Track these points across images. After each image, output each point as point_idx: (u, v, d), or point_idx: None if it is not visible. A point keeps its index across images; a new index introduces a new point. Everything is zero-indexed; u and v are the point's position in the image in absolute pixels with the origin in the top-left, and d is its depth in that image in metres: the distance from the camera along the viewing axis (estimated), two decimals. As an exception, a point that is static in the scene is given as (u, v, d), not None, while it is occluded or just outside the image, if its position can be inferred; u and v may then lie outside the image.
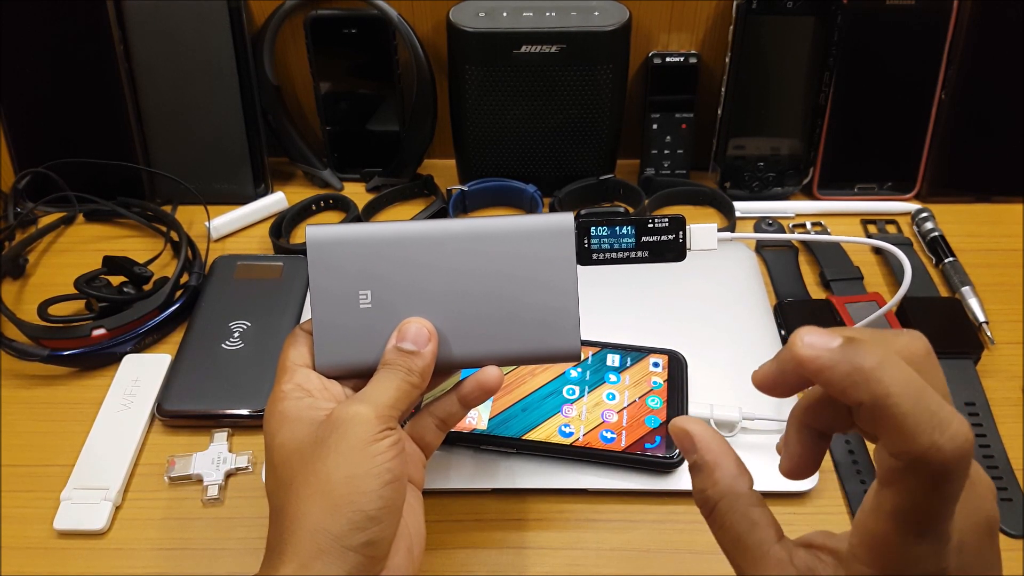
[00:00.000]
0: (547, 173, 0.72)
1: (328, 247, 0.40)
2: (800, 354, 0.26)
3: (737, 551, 0.30)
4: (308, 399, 0.38)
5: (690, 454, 0.31)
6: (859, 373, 0.25)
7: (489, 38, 0.66)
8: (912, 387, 0.25)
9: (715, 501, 0.30)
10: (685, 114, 0.72)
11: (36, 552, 0.49)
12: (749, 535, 0.29)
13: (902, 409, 0.24)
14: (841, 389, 0.26)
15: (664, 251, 0.41)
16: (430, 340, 0.39)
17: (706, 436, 0.31)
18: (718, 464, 0.31)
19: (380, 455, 0.35)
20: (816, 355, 0.26)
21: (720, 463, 0.31)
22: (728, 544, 0.30)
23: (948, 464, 0.24)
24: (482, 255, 0.40)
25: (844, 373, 0.25)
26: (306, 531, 0.34)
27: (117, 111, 0.70)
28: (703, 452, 0.31)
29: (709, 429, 0.32)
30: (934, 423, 0.24)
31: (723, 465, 0.31)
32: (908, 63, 0.69)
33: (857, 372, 0.25)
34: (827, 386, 0.26)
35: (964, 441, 0.24)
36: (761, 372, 0.31)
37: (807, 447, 0.31)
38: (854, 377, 0.25)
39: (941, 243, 0.67)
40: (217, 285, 0.64)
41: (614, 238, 0.41)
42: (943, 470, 0.24)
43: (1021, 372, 0.58)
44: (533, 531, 0.49)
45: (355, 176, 0.76)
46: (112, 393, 0.56)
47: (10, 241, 0.69)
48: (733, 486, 0.30)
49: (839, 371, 0.25)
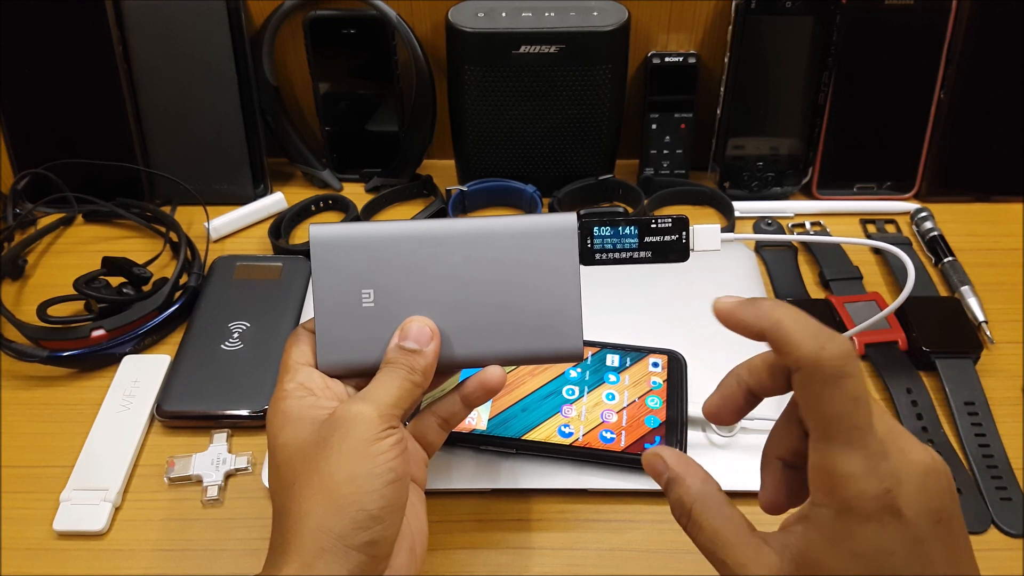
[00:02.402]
0: (546, 173, 0.72)
1: (331, 246, 0.40)
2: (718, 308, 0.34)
3: (716, 545, 0.32)
4: (311, 398, 0.38)
5: (662, 475, 0.35)
6: (758, 309, 0.32)
7: (488, 38, 0.66)
8: (798, 314, 0.31)
9: (690, 504, 0.33)
10: (684, 114, 0.72)
11: (36, 553, 0.48)
12: (724, 528, 0.32)
13: (791, 325, 0.31)
14: (747, 325, 0.33)
15: (667, 252, 0.41)
16: (432, 339, 0.39)
17: (673, 454, 0.35)
18: (687, 472, 0.34)
19: (383, 454, 0.35)
20: (727, 305, 0.34)
21: (688, 472, 0.34)
22: (706, 541, 0.33)
23: (836, 360, 0.29)
24: (485, 255, 0.40)
25: (748, 312, 0.33)
26: (309, 530, 0.34)
27: (116, 112, 0.70)
28: (672, 467, 0.35)
29: (675, 451, 0.36)
30: (818, 332, 0.30)
31: (691, 473, 0.34)
32: (907, 63, 0.69)
33: (756, 308, 0.32)
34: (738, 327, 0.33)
35: (845, 343, 0.30)
36: (708, 402, 0.37)
37: (778, 479, 0.35)
38: (755, 312, 0.32)
39: (940, 243, 0.67)
40: (216, 286, 0.63)
41: (617, 238, 0.41)
42: (833, 366, 0.29)
43: (1021, 371, 0.58)
44: (533, 531, 0.49)
45: (354, 176, 0.76)
46: (111, 394, 0.56)
47: (9, 242, 0.69)
48: (703, 488, 0.34)
49: (743, 312, 0.33)
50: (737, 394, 0.36)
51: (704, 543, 0.33)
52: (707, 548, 0.33)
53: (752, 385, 0.35)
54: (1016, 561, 0.47)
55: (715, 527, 0.32)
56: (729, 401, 0.36)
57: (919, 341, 0.57)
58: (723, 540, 0.32)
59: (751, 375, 0.35)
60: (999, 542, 0.48)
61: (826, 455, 0.30)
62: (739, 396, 0.36)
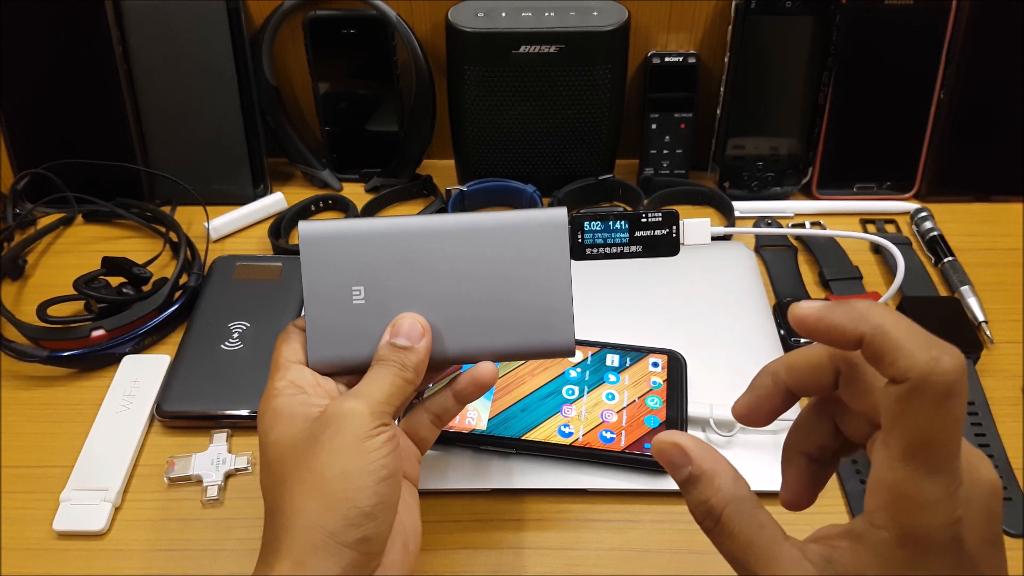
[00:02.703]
0: (546, 173, 0.72)
1: (321, 243, 0.40)
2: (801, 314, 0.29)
3: (749, 556, 0.29)
4: (302, 396, 0.38)
5: (681, 468, 0.30)
6: (854, 311, 0.28)
7: (488, 38, 0.66)
8: (902, 320, 0.27)
9: (720, 508, 0.29)
10: (684, 114, 0.72)
11: (35, 553, 0.48)
12: (759, 537, 0.29)
13: (900, 333, 0.26)
14: (842, 331, 0.28)
15: (657, 246, 0.41)
16: (424, 335, 0.39)
17: (698, 447, 0.31)
18: (717, 472, 0.30)
19: (375, 451, 0.35)
20: (815, 310, 0.29)
21: (718, 470, 0.30)
22: (738, 551, 0.29)
23: (949, 376, 0.25)
24: (475, 250, 0.40)
25: (842, 315, 0.28)
26: (301, 528, 0.34)
27: (116, 112, 0.70)
28: (699, 462, 0.30)
29: (698, 440, 0.31)
30: (931, 343, 0.26)
31: (721, 472, 0.30)
32: (907, 63, 0.69)
33: (852, 311, 0.28)
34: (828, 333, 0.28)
35: (960, 358, 0.26)
36: (740, 403, 0.33)
37: (802, 475, 0.33)
38: (851, 315, 0.28)
39: (940, 242, 0.67)
40: (216, 286, 0.63)
41: (608, 233, 0.41)
42: (945, 383, 0.25)
43: (1021, 371, 0.58)
44: (532, 531, 0.49)
45: (354, 176, 0.76)
46: (111, 394, 0.56)
47: (9, 242, 0.69)
48: (736, 491, 0.30)
49: (837, 316, 0.28)
50: (773, 394, 0.32)
51: (735, 552, 0.29)
52: (737, 558, 0.29)
53: (792, 385, 0.32)
54: (1016, 561, 0.47)
55: (749, 536, 0.29)
56: (764, 402, 0.33)
57: (919, 341, 0.57)
58: (757, 551, 0.29)
59: (791, 373, 0.32)
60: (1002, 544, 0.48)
61: (909, 478, 0.27)
62: (775, 396, 0.32)
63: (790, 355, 0.32)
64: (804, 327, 0.29)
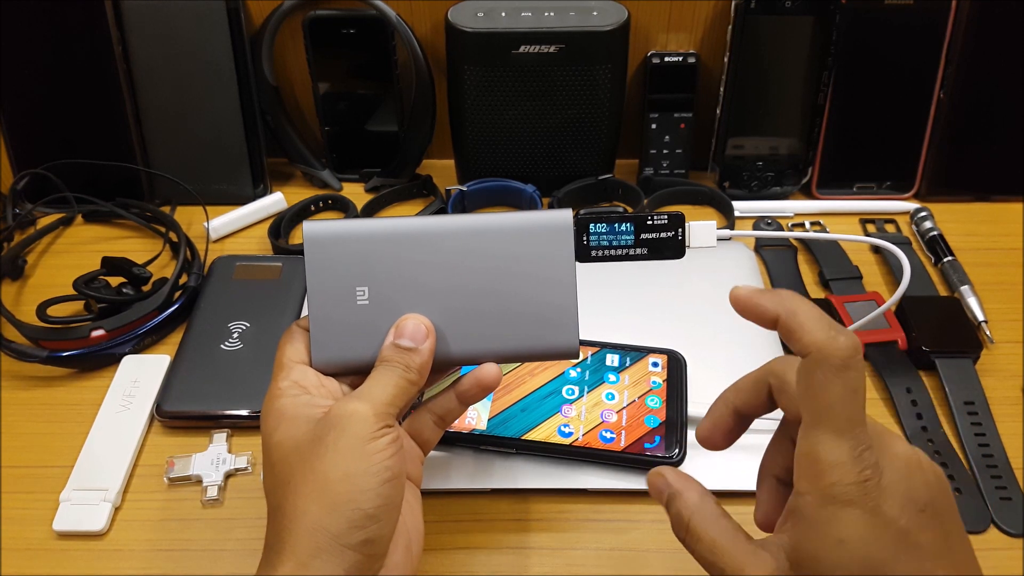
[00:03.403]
0: (546, 173, 0.72)
1: (325, 243, 0.40)
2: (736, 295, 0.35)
3: (715, 555, 0.33)
4: (305, 396, 0.38)
5: (663, 493, 0.36)
6: (776, 297, 0.33)
7: (488, 38, 0.66)
8: (813, 308, 0.32)
9: (688, 517, 0.34)
10: (684, 114, 0.72)
11: (35, 553, 0.48)
12: (721, 537, 0.33)
13: (807, 316, 0.32)
14: (764, 311, 0.33)
15: (663, 248, 0.41)
16: (428, 336, 0.39)
17: (673, 472, 0.36)
18: (685, 488, 0.35)
19: (378, 453, 0.35)
20: (747, 292, 0.34)
21: (686, 487, 0.35)
22: (705, 551, 0.33)
23: (844, 351, 0.30)
24: (480, 251, 0.40)
25: (766, 299, 0.34)
26: (304, 530, 0.34)
27: (116, 112, 0.70)
28: (673, 484, 0.36)
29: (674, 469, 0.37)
30: (832, 326, 0.31)
31: (689, 488, 0.35)
32: (907, 62, 0.69)
33: (775, 296, 0.33)
34: (754, 311, 0.34)
35: (855, 340, 0.31)
36: (700, 428, 0.38)
37: (772, 496, 0.37)
38: (773, 300, 0.33)
39: (940, 242, 0.67)
40: (216, 286, 0.63)
41: (613, 235, 0.41)
42: (840, 357, 0.30)
43: (1020, 371, 0.58)
44: (533, 531, 0.49)
45: (354, 176, 0.76)
46: (111, 394, 0.56)
47: (9, 242, 0.69)
48: (701, 503, 0.35)
49: (762, 299, 0.34)
50: (726, 416, 0.37)
51: (703, 553, 0.33)
52: (706, 558, 0.33)
53: (739, 405, 0.37)
54: (1016, 561, 0.47)
55: (712, 537, 0.33)
56: (719, 424, 0.37)
57: (919, 341, 0.57)
58: (720, 548, 0.33)
59: (737, 395, 0.37)
60: (999, 542, 0.48)
61: (814, 442, 0.31)
62: (728, 419, 0.37)
63: (737, 380, 0.37)
64: (737, 306, 0.35)
